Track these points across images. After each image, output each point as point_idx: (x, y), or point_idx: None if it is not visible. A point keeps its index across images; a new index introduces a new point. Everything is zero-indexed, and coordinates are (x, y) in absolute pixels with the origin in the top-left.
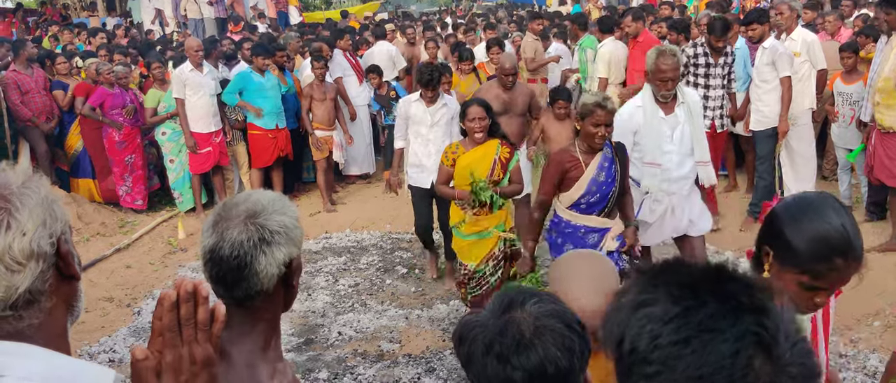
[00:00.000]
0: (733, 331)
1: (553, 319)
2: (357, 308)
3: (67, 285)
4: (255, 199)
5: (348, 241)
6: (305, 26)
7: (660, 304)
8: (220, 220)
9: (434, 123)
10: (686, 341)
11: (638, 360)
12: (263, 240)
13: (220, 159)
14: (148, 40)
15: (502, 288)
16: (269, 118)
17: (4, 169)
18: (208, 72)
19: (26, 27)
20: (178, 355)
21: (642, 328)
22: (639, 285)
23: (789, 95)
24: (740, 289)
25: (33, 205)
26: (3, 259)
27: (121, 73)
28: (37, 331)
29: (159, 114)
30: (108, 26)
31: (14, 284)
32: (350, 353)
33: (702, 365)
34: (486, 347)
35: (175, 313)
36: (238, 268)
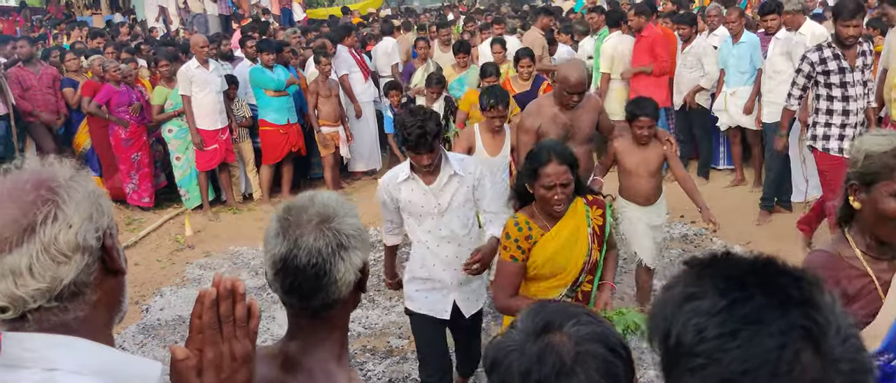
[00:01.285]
0: (780, 324)
1: (595, 343)
2: (365, 304)
3: (112, 280)
4: (322, 202)
5: None
6: (310, 23)
7: (707, 298)
8: (291, 227)
9: (445, 209)
10: (732, 334)
11: (683, 354)
12: (341, 246)
13: (227, 156)
14: (151, 38)
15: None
16: (280, 113)
17: (52, 162)
18: (214, 68)
19: (31, 26)
20: (218, 352)
21: (688, 321)
22: (686, 278)
23: None
24: (789, 282)
25: (80, 199)
26: (49, 250)
27: (126, 71)
28: (82, 324)
29: (166, 112)
30: (114, 23)
31: (59, 276)
32: (359, 349)
33: (747, 359)
34: (522, 376)
35: (215, 310)
36: (316, 276)
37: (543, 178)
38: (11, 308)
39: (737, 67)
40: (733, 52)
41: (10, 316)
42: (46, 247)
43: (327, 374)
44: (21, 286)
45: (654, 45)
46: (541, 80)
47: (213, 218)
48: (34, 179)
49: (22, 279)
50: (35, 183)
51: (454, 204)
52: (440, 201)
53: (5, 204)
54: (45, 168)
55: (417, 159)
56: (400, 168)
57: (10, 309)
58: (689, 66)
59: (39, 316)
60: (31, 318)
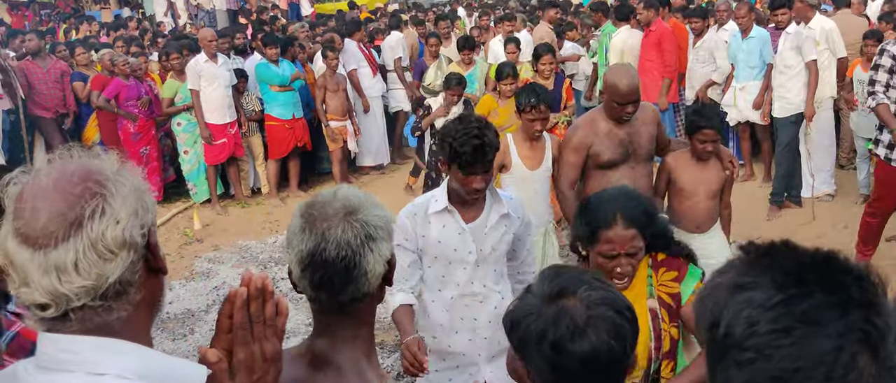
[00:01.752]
0: (839, 326)
1: (604, 307)
2: None
3: (154, 279)
4: (345, 195)
5: None
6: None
7: (761, 289)
8: (317, 220)
9: (486, 257)
10: (786, 331)
11: (732, 345)
12: (369, 237)
13: (236, 150)
14: (159, 32)
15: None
16: (285, 108)
17: (98, 153)
18: (223, 62)
19: (40, 20)
20: (250, 352)
21: (740, 312)
22: (740, 267)
23: (816, 79)
24: (851, 281)
25: (127, 193)
26: (96, 246)
27: (135, 65)
28: (124, 326)
29: (176, 105)
30: (122, 18)
31: (105, 273)
32: None
33: (800, 358)
34: (539, 336)
35: (246, 310)
36: (346, 269)
37: (603, 245)
38: (53, 305)
39: (746, 62)
40: (743, 46)
41: (50, 314)
42: (94, 243)
43: (358, 372)
44: (65, 282)
45: (662, 41)
46: (562, 78)
47: (222, 212)
48: (81, 171)
49: (67, 275)
50: (82, 174)
51: (497, 252)
52: (482, 246)
53: (51, 195)
54: (92, 159)
55: (468, 181)
56: (432, 195)
57: (51, 307)
58: (701, 60)
59: (82, 315)
60: (73, 317)
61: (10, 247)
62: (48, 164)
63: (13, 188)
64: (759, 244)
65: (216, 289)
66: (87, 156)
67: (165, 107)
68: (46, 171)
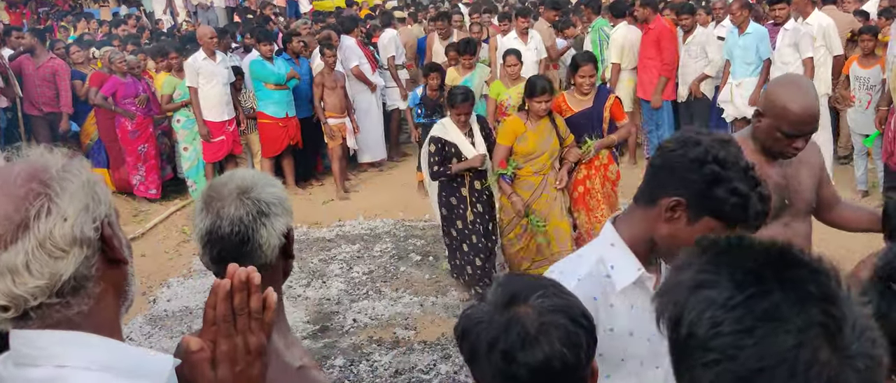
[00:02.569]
0: (798, 321)
1: (558, 315)
2: (371, 295)
3: (115, 270)
4: (241, 176)
5: (361, 229)
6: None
7: (721, 288)
8: (212, 200)
9: None
10: (749, 331)
11: (696, 346)
12: (262, 213)
13: (234, 148)
14: (157, 30)
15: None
16: (279, 107)
17: (43, 152)
18: (221, 60)
19: (38, 18)
20: (232, 344)
21: (702, 313)
22: (698, 263)
23: (811, 76)
24: (807, 276)
25: (75, 189)
26: (44, 246)
27: (133, 63)
28: (86, 319)
29: (175, 102)
30: (120, 15)
31: (58, 271)
32: (365, 340)
33: (763, 357)
34: (488, 345)
35: (229, 302)
36: (240, 243)
37: None
38: (12, 306)
39: (743, 58)
40: (739, 42)
41: (11, 315)
42: (42, 243)
43: None
44: (20, 284)
45: (661, 39)
46: (606, 91)
47: None
48: (25, 172)
49: (20, 277)
50: (26, 176)
51: None
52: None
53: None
54: (36, 158)
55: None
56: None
57: (11, 309)
58: (693, 55)
59: (42, 312)
60: (33, 316)
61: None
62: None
63: None
64: (715, 240)
65: None
66: (34, 155)
67: (164, 104)
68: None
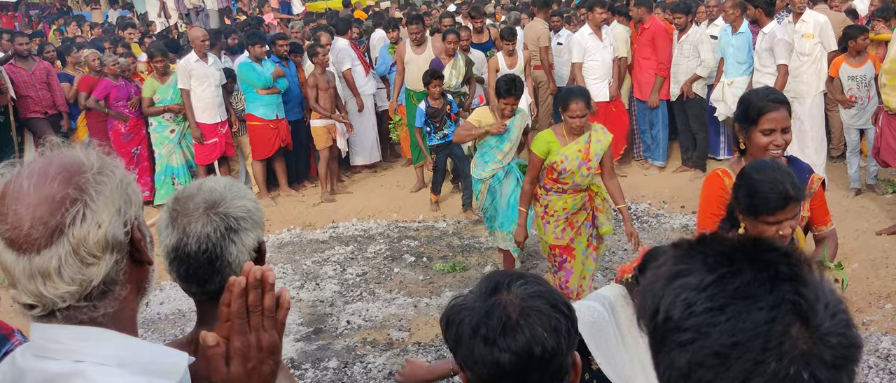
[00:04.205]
0: (770, 299)
1: (539, 300)
2: (365, 296)
3: (140, 269)
4: (210, 187)
5: (355, 230)
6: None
7: (695, 274)
8: (178, 216)
9: None
10: (721, 308)
11: (672, 329)
12: (230, 229)
13: (227, 150)
14: (149, 32)
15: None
16: (269, 108)
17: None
18: (213, 62)
19: (29, 21)
20: (246, 341)
21: (677, 297)
22: (674, 257)
23: (783, 82)
24: (778, 258)
25: (109, 192)
26: (78, 252)
27: (125, 65)
28: (110, 318)
29: (156, 106)
30: (111, 19)
31: (89, 277)
32: (359, 342)
33: (736, 332)
34: (472, 330)
35: (243, 300)
36: (209, 261)
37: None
38: (40, 306)
39: (735, 57)
40: (732, 41)
41: (37, 313)
42: (76, 249)
43: None
44: (50, 287)
45: (656, 38)
46: None
47: None
48: (62, 173)
49: (51, 281)
50: (63, 179)
51: None
52: None
53: (32, 201)
54: (72, 157)
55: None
56: None
57: (37, 307)
58: (685, 54)
59: (68, 313)
60: (59, 316)
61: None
62: (28, 164)
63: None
64: (687, 238)
65: None
66: (69, 152)
67: (145, 107)
68: (28, 172)
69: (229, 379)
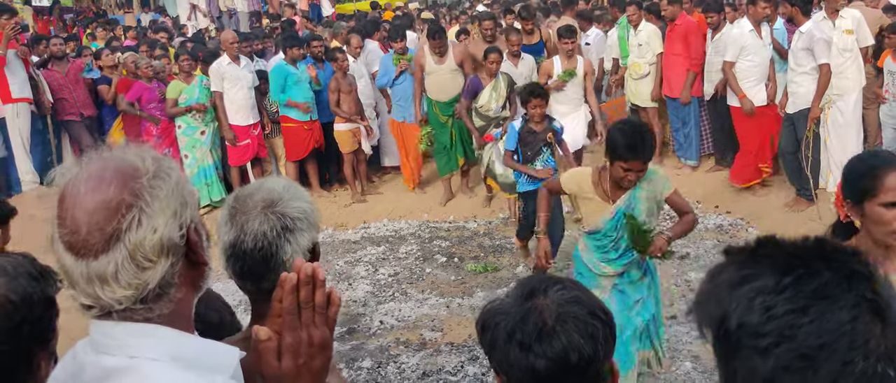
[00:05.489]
0: (849, 298)
1: (576, 306)
2: (397, 297)
3: (196, 271)
4: (269, 188)
5: (386, 231)
6: (338, 18)
7: (766, 277)
8: (237, 213)
9: None
10: (803, 310)
11: (749, 335)
12: (286, 229)
13: (259, 151)
14: (182, 35)
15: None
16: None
17: (133, 152)
18: (245, 64)
19: (64, 25)
20: (297, 337)
21: (751, 301)
22: (735, 264)
23: (826, 82)
24: (848, 258)
25: (164, 196)
26: (134, 257)
27: (158, 67)
28: (165, 317)
29: (180, 107)
30: (144, 22)
31: (145, 281)
32: (393, 342)
33: (822, 333)
34: (508, 335)
35: (295, 296)
36: (264, 259)
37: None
38: (97, 307)
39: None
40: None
41: (94, 314)
42: (132, 255)
43: None
44: (107, 291)
45: (688, 34)
46: None
47: None
48: (117, 178)
49: (108, 285)
50: (118, 183)
51: None
52: None
53: (89, 207)
54: (127, 161)
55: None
56: None
57: (95, 308)
58: (719, 53)
59: (124, 314)
60: (116, 316)
61: (57, 250)
62: (84, 167)
63: (57, 182)
64: (744, 244)
65: None
66: (124, 155)
67: (169, 109)
68: (85, 176)
69: (281, 373)
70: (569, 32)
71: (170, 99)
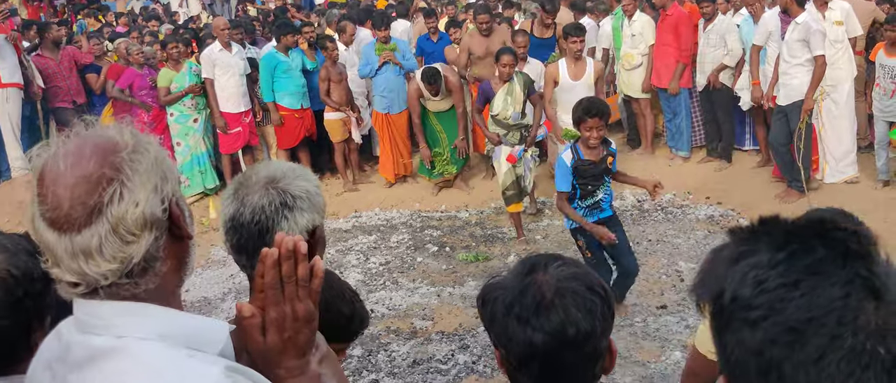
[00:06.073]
0: (843, 275)
1: (575, 282)
2: (389, 285)
3: (180, 245)
4: (276, 166)
5: (378, 220)
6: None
7: (762, 253)
8: (241, 187)
9: None
10: (795, 284)
11: (741, 308)
12: (285, 205)
13: (250, 139)
14: (174, 22)
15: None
16: (294, 98)
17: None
18: (237, 51)
19: (54, 11)
20: (281, 311)
21: (745, 275)
22: (735, 240)
23: (821, 73)
24: (847, 236)
25: (145, 170)
26: (117, 231)
27: (149, 54)
28: (152, 293)
29: (173, 94)
30: (135, 9)
31: (129, 254)
32: (383, 331)
33: (812, 308)
34: (506, 308)
35: (277, 270)
36: (259, 233)
37: None
38: (83, 283)
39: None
40: (754, 30)
41: (80, 291)
42: (115, 228)
43: None
44: (92, 265)
45: (679, 24)
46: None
47: None
48: (96, 153)
49: (92, 259)
50: (98, 158)
51: None
52: None
53: (69, 182)
54: (106, 137)
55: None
56: None
57: (81, 285)
58: (712, 44)
59: (111, 290)
60: (102, 293)
61: (39, 228)
62: (63, 145)
63: (36, 161)
64: (744, 225)
65: (232, 277)
66: (102, 132)
67: (162, 97)
68: (63, 154)
69: (266, 349)
70: (577, 30)
71: (162, 87)
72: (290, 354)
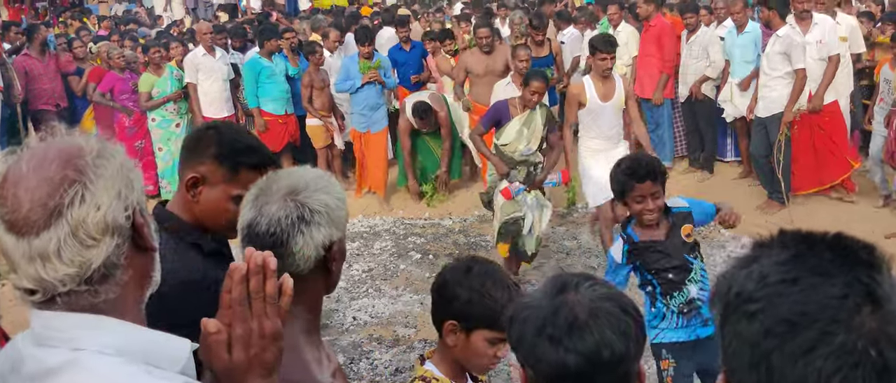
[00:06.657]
0: (845, 278)
1: (609, 302)
2: (371, 293)
3: (142, 256)
4: (299, 175)
5: (361, 227)
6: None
7: (772, 255)
8: (261, 194)
9: None
10: (794, 280)
11: (742, 301)
12: (302, 219)
13: None
14: (157, 26)
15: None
16: (278, 104)
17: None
18: (220, 56)
19: (36, 13)
20: (247, 328)
21: (751, 273)
22: (754, 248)
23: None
24: (857, 246)
25: (109, 175)
26: (76, 234)
27: (130, 58)
28: (112, 305)
29: (154, 99)
30: (118, 13)
31: (89, 259)
32: (366, 338)
33: (808, 302)
34: (537, 329)
35: (245, 286)
36: (273, 246)
37: None
38: (40, 291)
39: (742, 58)
40: (738, 42)
41: (38, 299)
42: (74, 231)
43: (293, 347)
44: (50, 270)
45: (662, 36)
46: None
47: None
48: (60, 156)
49: (50, 263)
50: (61, 161)
51: None
52: None
53: (31, 183)
54: (71, 141)
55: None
56: None
57: (38, 292)
58: (694, 55)
59: (69, 299)
60: (60, 301)
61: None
62: (28, 149)
63: (1, 165)
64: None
65: None
66: (68, 138)
67: (143, 103)
68: (27, 157)
69: (231, 366)
70: (606, 45)
71: (143, 93)
72: (256, 373)
